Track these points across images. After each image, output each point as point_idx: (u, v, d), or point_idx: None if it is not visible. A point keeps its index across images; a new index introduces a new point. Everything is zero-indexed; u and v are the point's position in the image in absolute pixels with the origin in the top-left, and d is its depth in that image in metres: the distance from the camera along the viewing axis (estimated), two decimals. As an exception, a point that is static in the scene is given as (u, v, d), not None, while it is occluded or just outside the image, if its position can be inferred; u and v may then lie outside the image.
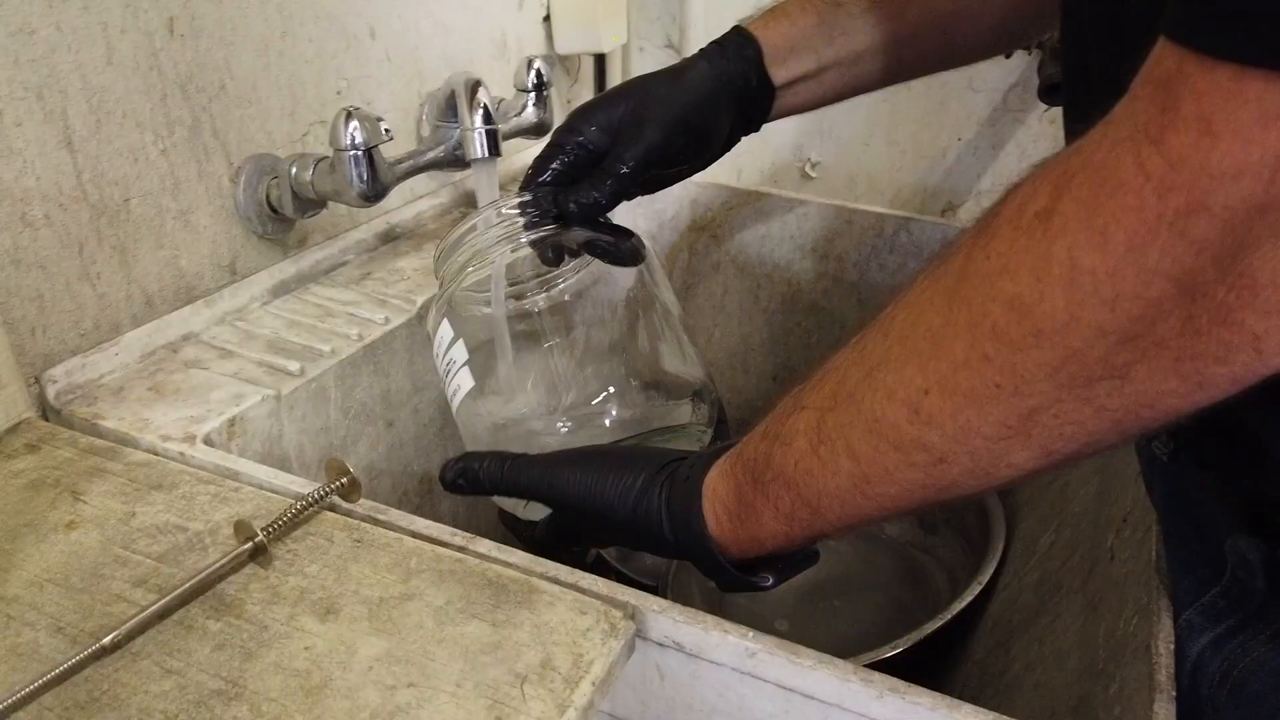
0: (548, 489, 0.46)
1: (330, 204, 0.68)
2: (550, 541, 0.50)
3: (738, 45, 0.59)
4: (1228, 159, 0.24)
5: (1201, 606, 0.43)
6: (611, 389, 0.56)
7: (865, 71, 0.60)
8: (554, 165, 0.56)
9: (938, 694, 0.38)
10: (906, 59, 0.60)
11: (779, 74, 0.59)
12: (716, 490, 0.42)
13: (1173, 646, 0.41)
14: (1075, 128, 0.42)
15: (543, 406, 0.56)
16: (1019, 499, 0.80)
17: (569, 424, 0.55)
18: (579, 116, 0.57)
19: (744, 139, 0.62)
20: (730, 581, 0.43)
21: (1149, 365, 0.28)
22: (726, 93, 0.58)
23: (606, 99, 0.57)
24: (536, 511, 0.50)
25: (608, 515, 0.45)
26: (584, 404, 0.55)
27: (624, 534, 0.45)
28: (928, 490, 0.35)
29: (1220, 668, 0.41)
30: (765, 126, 0.62)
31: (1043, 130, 0.95)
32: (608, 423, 0.55)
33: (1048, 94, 0.90)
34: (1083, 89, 0.42)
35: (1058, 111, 0.94)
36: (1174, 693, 0.39)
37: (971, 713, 0.37)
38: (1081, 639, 0.51)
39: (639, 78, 0.59)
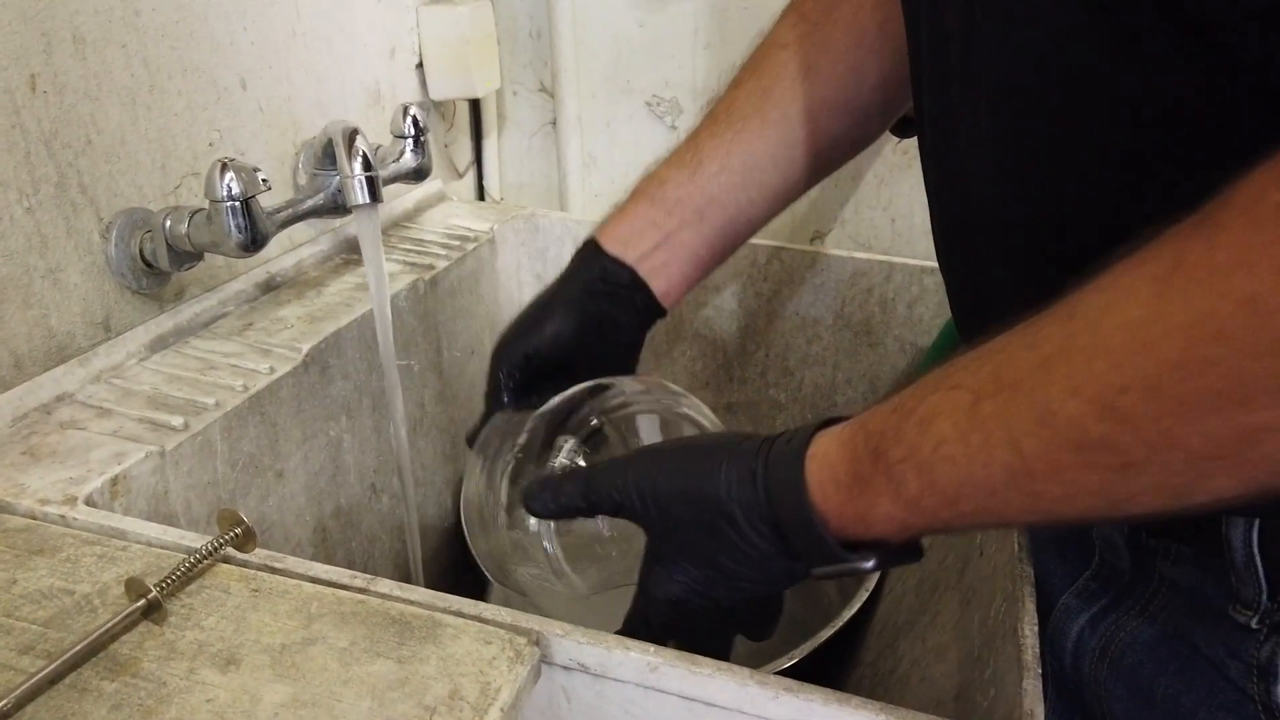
0: (637, 480, 0.44)
1: (207, 256, 0.67)
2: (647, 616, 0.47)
3: (587, 253, 0.62)
4: None
5: (1076, 590, 0.46)
6: None
7: (724, 221, 0.60)
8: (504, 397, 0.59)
9: (829, 690, 0.40)
10: (758, 196, 0.60)
11: (628, 255, 0.60)
12: (828, 454, 0.39)
13: (1037, 628, 0.45)
14: (930, 154, 0.46)
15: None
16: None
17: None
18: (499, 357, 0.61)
19: (624, 176, 0.64)
20: (826, 557, 0.40)
21: None
22: (590, 294, 0.60)
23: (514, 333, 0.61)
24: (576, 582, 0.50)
25: (702, 501, 0.41)
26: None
27: (718, 526, 0.42)
28: (1098, 499, 0.31)
29: (1098, 644, 0.44)
30: (642, 162, 0.65)
31: (897, 160, 1.01)
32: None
33: (900, 128, 0.96)
34: (933, 120, 0.45)
35: (910, 142, 1.01)
36: (1039, 670, 0.42)
37: (860, 704, 0.39)
38: (959, 631, 0.55)
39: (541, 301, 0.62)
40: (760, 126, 0.58)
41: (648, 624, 0.47)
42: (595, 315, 0.60)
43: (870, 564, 0.40)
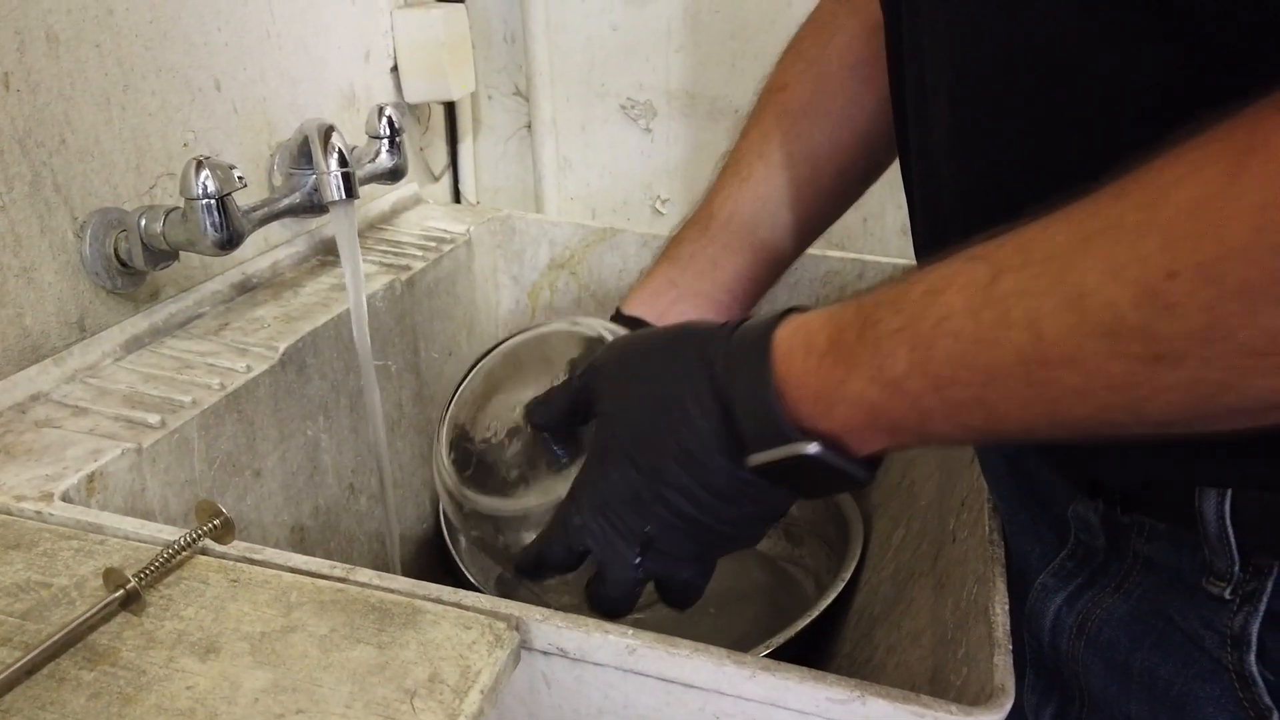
0: (608, 369, 0.42)
1: (183, 256, 0.67)
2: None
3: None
4: None
5: (1052, 570, 0.47)
6: None
7: (737, 267, 0.59)
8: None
9: (805, 668, 0.41)
10: (771, 240, 0.59)
11: (647, 314, 0.59)
12: (808, 322, 0.36)
13: (1008, 607, 0.45)
14: (912, 151, 0.47)
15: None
16: (873, 503, 0.85)
17: None
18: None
19: (599, 179, 0.65)
20: (769, 433, 0.36)
21: None
22: None
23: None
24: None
25: (655, 383, 0.39)
26: None
27: (663, 412, 0.39)
28: (1116, 394, 0.29)
29: (1075, 621, 0.45)
30: (617, 165, 0.65)
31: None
32: None
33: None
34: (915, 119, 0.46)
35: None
36: (1009, 646, 0.43)
37: (835, 681, 0.40)
38: (933, 616, 0.55)
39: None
40: (765, 170, 0.59)
41: (565, 531, 0.44)
42: None
43: (814, 448, 0.36)
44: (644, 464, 0.41)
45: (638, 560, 0.44)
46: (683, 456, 0.40)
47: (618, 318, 0.60)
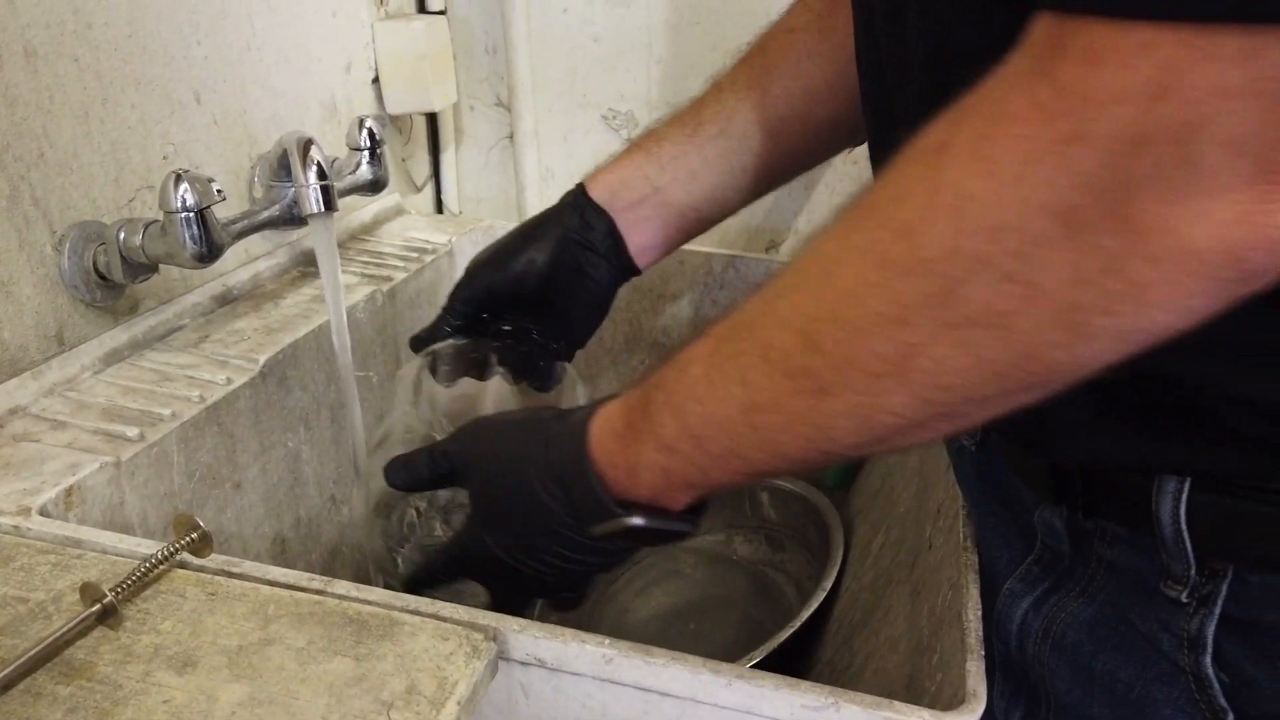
0: (467, 447, 0.49)
1: (163, 269, 0.67)
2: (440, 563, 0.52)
3: (571, 196, 0.63)
4: (1108, 85, 0.25)
5: (1020, 575, 0.48)
6: None
7: (713, 185, 0.62)
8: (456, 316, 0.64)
9: (779, 676, 0.41)
10: (751, 166, 0.61)
11: (614, 204, 0.62)
12: (610, 411, 0.43)
13: (980, 613, 0.46)
14: (877, 162, 0.47)
15: None
16: (854, 509, 0.86)
17: None
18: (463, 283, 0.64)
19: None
20: (600, 511, 0.42)
21: (1031, 316, 0.28)
22: (566, 239, 0.62)
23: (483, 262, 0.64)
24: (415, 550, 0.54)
25: (512, 466, 0.46)
26: None
27: (521, 491, 0.45)
28: (807, 425, 0.34)
29: (1041, 626, 0.46)
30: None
31: (847, 171, 1.03)
32: None
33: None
34: (881, 131, 0.47)
35: (860, 153, 1.03)
36: (982, 652, 0.43)
37: (809, 688, 0.40)
38: (910, 623, 0.56)
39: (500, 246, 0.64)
40: (762, 98, 0.60)
41: (450, 563, 0.51)
42: (567, 262, 0.61)
43: (638, 520, 0.42)
44: (515, 537, 0.48)
45: (511, 589, 0.51)
46: (543, 530, 0.46)
47: (579, 197, 0.62)
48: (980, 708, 0.40)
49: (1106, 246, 0.26)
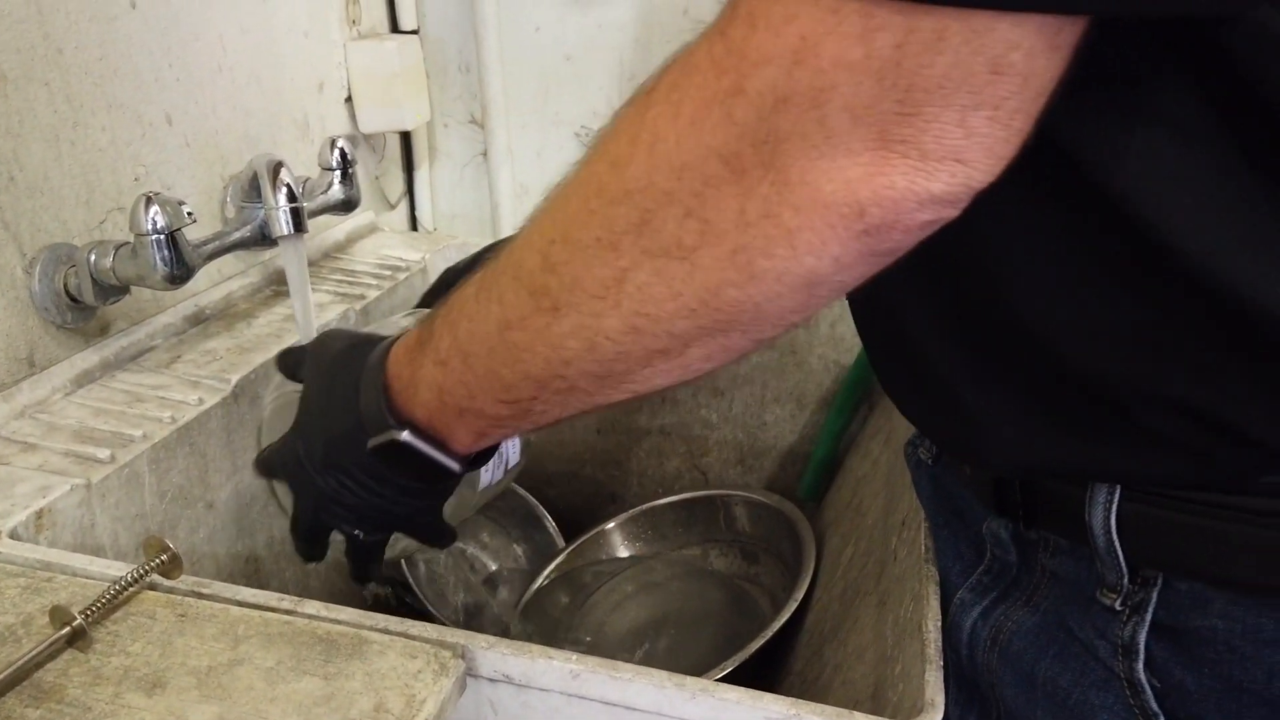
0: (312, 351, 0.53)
1: (134, 289, 0.67)
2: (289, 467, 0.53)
3: None
4: (761, 47, 0.28)
5: (970, 585, 0.49)
6: None
7: None
8: None
9: (743, 689, 0.42)
10: None
11: None
12: (410, 332, 0.46)
13: (939, 624, 0.47)
14: None
15: None
16: (825, 521, 0.87)
17: None
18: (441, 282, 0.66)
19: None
20: (378, 424, 0.45)
21: (710, 253, 0.32)
22: None
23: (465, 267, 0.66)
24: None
25: (327, 372, 0.49)
26: None
27: (331, 395, 0.48)
28: (548, 348, 0.37)
29: (989, 634, 0.47)
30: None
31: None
32: None
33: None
34: None
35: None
36: (940, 662, 0.44)
37: (772, 700, 0.41)
38: (875, 633, 0.57)
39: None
40: None
41: (272, 460, 0.54)
42: None
43: (405, 435, 0.44)
44: (316, 440, 0.50)
45: (311, 505, 0.53)
46: (338, 437, 0.49)
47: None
48: (938, 716, 0.41)
49: (763, 194, 0.30)
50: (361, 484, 0.49)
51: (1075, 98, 0.29)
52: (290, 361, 0.56)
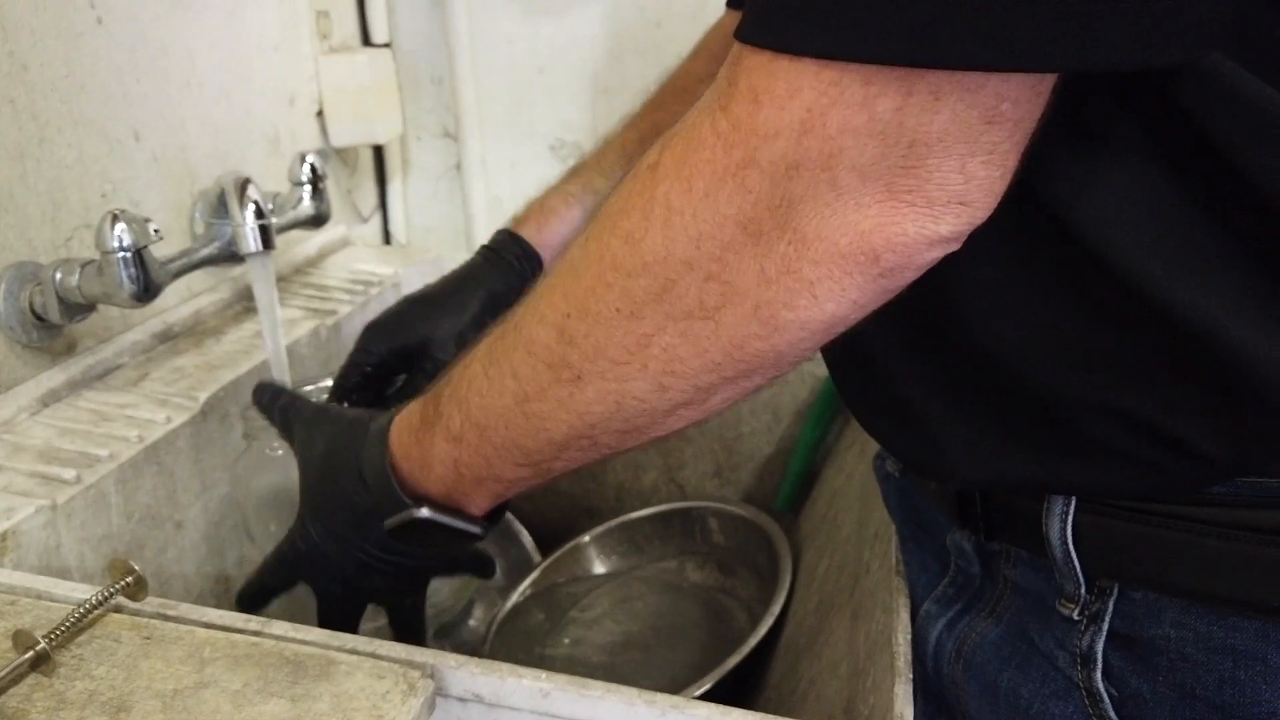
0: (299, 436, 0.54)
1: (101, 307, 0.67)
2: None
3: (516, 255, 0.67)
4: (768, 122, 0.30)
5: (935, 597, 0.49)
6: None
7: None
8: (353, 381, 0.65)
9: (713, 705, 0.42)
10: None
11: (548, 244, 0.67)
12: (409, 410, 0.47)
13: (909, 637, 0.47)
14: None
15: None
16: (802, 534, 0.87)
17: None
18: (366, 338, 0.66)
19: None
20: (393, 501, 0.46)
21: (733, 311, 0.34)
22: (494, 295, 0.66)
23: (389, 321, 0.66)
24: None
25: (327, 462, 0.50)
26: None
27: (333, 485, 0.49)
28: (568, 412, 0.39)
29: (954, 646, 0.47)
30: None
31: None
32: None
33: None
34: None
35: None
36: (909, 675, 0.44)
37: (741, 715, 0.41)
38: (849, 647, 0.57)
39: (417, 297, 0.67)
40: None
41: (279, 565, 0.55)
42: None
43: (425, 512, 0.46)
44: (331, 528, 0.51)
45: (339, 591, 0.53)
46: (351, 522, 0.50)
47: (514, 240, 0.66)
48: (907, 730, 0.41)
49: (782, 252, 0.32)
50: (380, 560, 0.50)
51: (1039, 138, 0.31)
52: (265, 398, 0.58)
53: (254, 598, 0.56)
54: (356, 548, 0.50)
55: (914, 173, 0.30)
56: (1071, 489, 0.39)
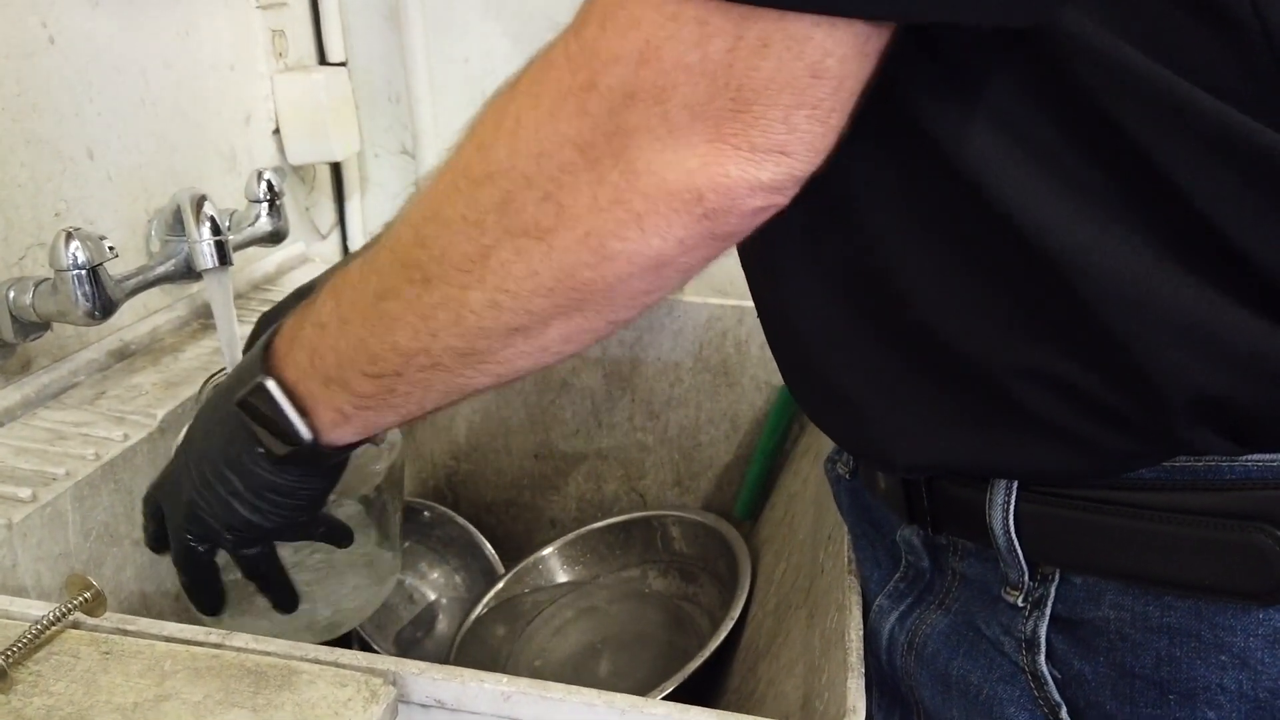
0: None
1: (56, 326, 0.66)
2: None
3: None
4: (610, 47, 0.32)
5: (888, 592, 0.51)
6: None
7: None
8: None
9: (672, 704, 0.43)
10: None
11: None
12: (306, 302, 0.47)
13: (862, 632, 0.48)
14: None
15: None
16: (761, 539, 0.89)
17: None
18: (258, 327, 0.62)
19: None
20: (245, 378, 0.46)
21: (565, 235, 0.35)
22: None
23: (279, 312, 0.63)
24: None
25: (212, 411, 0.49)
26: None
27: (214, 427, 0.49)
28: (417, 319, 0.39)
29: (906, 638, 0.49)
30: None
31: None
32: None
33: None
34: None
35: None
36: (862, 670, 0.46)
37: (699, 713, 0.42)
38: (804, 646, 0.58)
39: (307, 288, 0.64)
40: None
41: (151, 490, 0.54)
42: None
43: (269, 382, 0.45)
44: (191, 442, 0.51)
45: (182, 527, 0.52)
46: (206, 429, 0.50)
47: None
48: (860, 722, 0.42)
49: (614, 181, 0.33)
50: (223, 479, 0.49)
51: (930, 88, 0.33)
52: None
53: (147, 536, 0.56)
54: (203, 459, 0.49)
55: (740, 117, 0.31)
56: (1010, 471, 0.41)
